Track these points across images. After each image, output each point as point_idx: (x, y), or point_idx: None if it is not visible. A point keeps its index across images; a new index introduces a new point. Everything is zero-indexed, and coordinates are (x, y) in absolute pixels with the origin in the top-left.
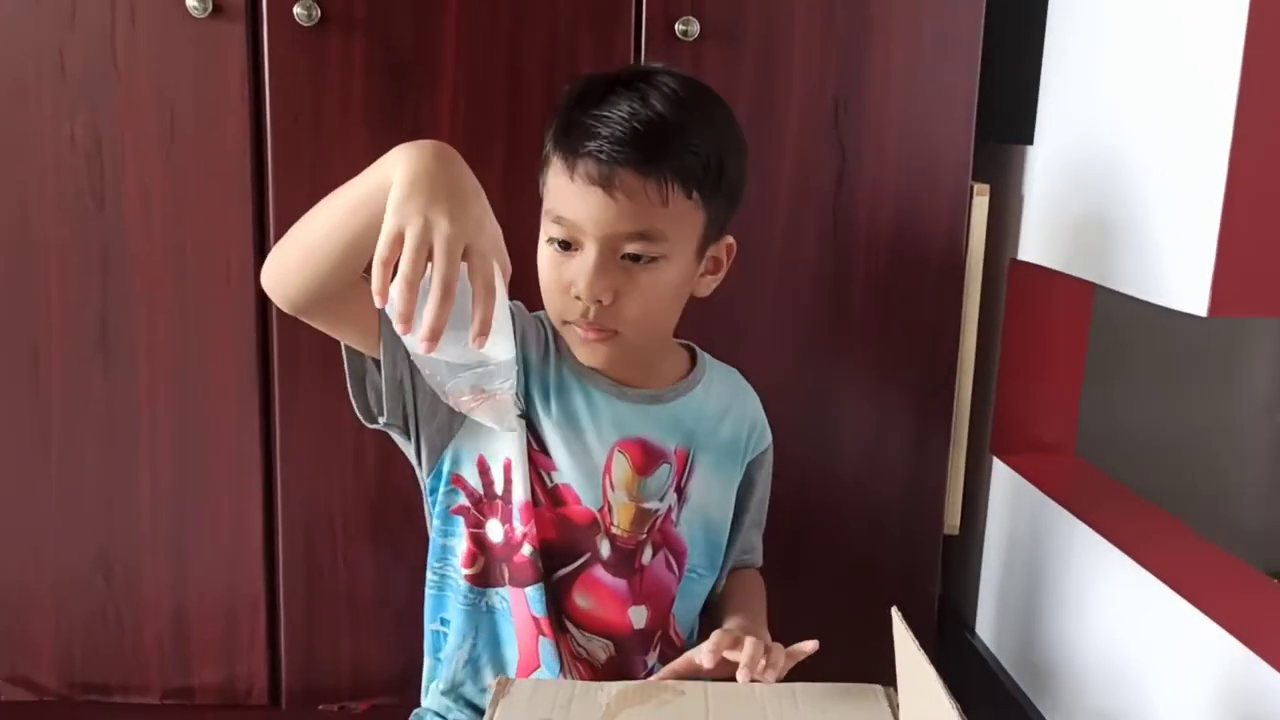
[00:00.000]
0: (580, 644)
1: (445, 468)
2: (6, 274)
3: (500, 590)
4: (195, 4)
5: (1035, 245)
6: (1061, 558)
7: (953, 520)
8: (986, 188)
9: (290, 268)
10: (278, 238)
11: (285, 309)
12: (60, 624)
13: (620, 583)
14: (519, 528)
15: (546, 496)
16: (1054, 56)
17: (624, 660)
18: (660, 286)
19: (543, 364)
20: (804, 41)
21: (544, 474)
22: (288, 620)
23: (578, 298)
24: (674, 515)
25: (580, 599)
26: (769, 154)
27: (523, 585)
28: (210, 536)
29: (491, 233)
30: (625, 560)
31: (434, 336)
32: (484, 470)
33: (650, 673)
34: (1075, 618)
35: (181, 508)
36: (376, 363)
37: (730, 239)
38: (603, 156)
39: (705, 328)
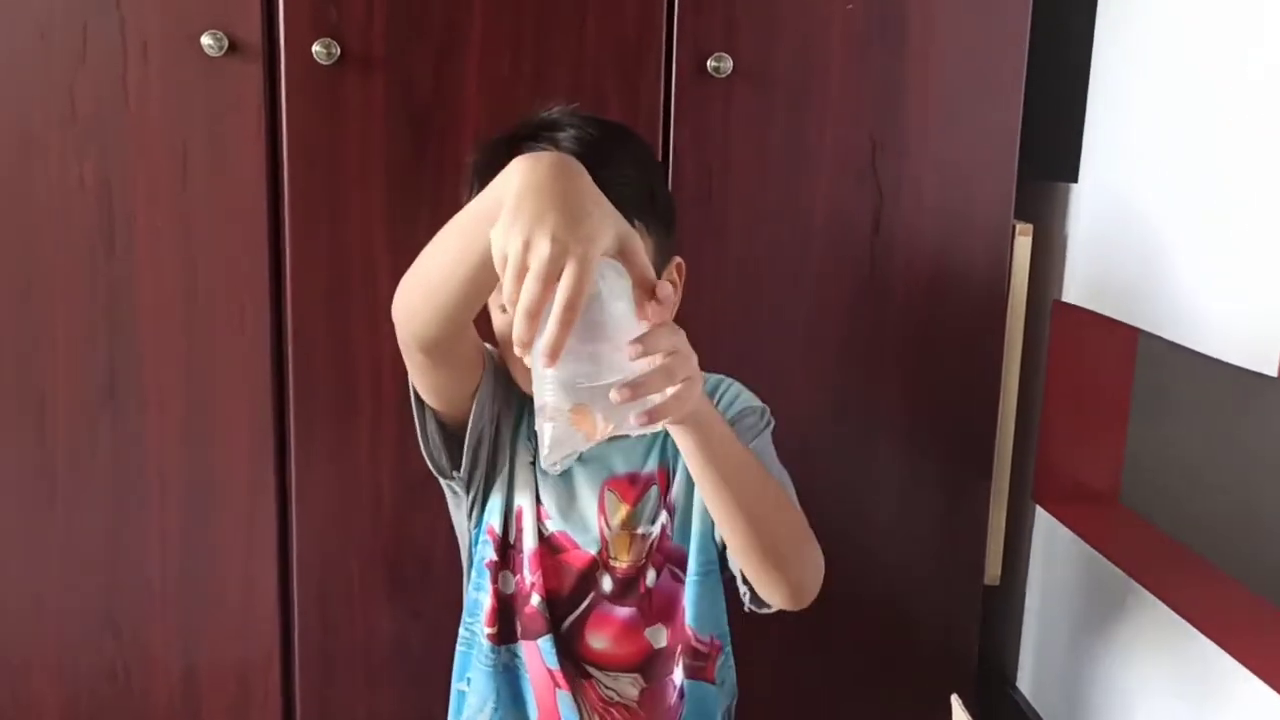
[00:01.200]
0: (609, 686)
1: (485, 518)
2: (12, 321)
3: (515, 646)
4: (210, 42)
5: (1080, 287)
6: (1106, 610)
7: (993, 570)
8: (1030, 227)
9: (417, 303)
10: (294, 284)
11: (414, 348)
12: (66, 683)
13: (629, 610)
14: (528, 577)
15: (543, 544)
16: (1099, 90)
17: (656, 689)
18: None
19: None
20: (840, 77)
21: (540, 522)
22: (303, 679)
23: None
24: (669, 531)
25: (594, 640)
26: (803, 192)
27: (535, 637)
28: (222, 593)
29: (608, 245)
30: (629, 587)
31: (521, 348)
32: (505, 519)
33: (681, 691)
34: (1120, 673)
35: (192, 564)
36: (435, 415)
37: (679, 259)
38: None
39: (737, 368)
